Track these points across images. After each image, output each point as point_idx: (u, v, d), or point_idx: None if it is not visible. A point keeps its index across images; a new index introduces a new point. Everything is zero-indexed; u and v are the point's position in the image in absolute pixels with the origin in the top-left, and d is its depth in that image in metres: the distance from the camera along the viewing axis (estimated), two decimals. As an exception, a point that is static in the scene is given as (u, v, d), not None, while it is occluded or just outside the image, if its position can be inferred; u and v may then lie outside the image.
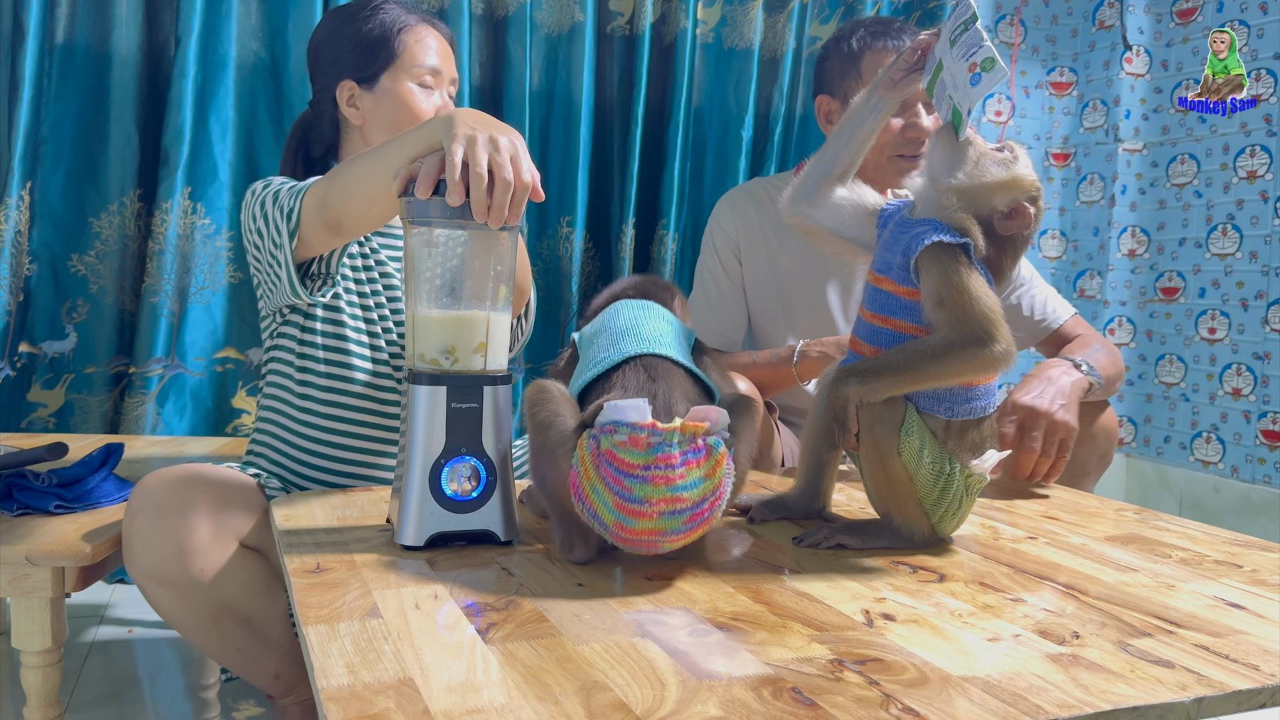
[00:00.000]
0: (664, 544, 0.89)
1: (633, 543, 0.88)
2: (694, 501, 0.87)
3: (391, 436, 1.34)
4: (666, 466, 0.86)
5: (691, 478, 0.87)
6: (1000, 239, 1.01)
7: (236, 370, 2.17)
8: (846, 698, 0.64)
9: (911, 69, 1.08)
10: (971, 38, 0.96)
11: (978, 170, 1.01)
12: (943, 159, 1.02)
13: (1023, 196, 1.01)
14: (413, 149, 1.02)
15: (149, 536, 1.11)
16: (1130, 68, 2.94)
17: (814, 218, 1.13)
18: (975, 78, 0.96)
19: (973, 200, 1.00)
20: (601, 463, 0.87)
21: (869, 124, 1.11)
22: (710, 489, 0.88)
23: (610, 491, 0.87)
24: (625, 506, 0.86)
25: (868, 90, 1.11)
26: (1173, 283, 2.93)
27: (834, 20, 2.59)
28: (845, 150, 1.11)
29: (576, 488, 0.89)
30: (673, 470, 0.86)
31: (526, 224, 2.35)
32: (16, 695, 1.38)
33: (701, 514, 0.88)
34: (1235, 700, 0.68)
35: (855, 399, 0.99)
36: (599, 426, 0.88)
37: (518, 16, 2.31)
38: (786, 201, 1.13)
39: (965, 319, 0.96)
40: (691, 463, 0.87)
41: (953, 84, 1.00)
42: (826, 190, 1.12)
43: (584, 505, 0.89)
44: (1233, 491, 2.72)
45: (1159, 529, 1.16)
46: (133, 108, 2.10)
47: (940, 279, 0.97)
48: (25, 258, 2.04)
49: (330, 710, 0.61)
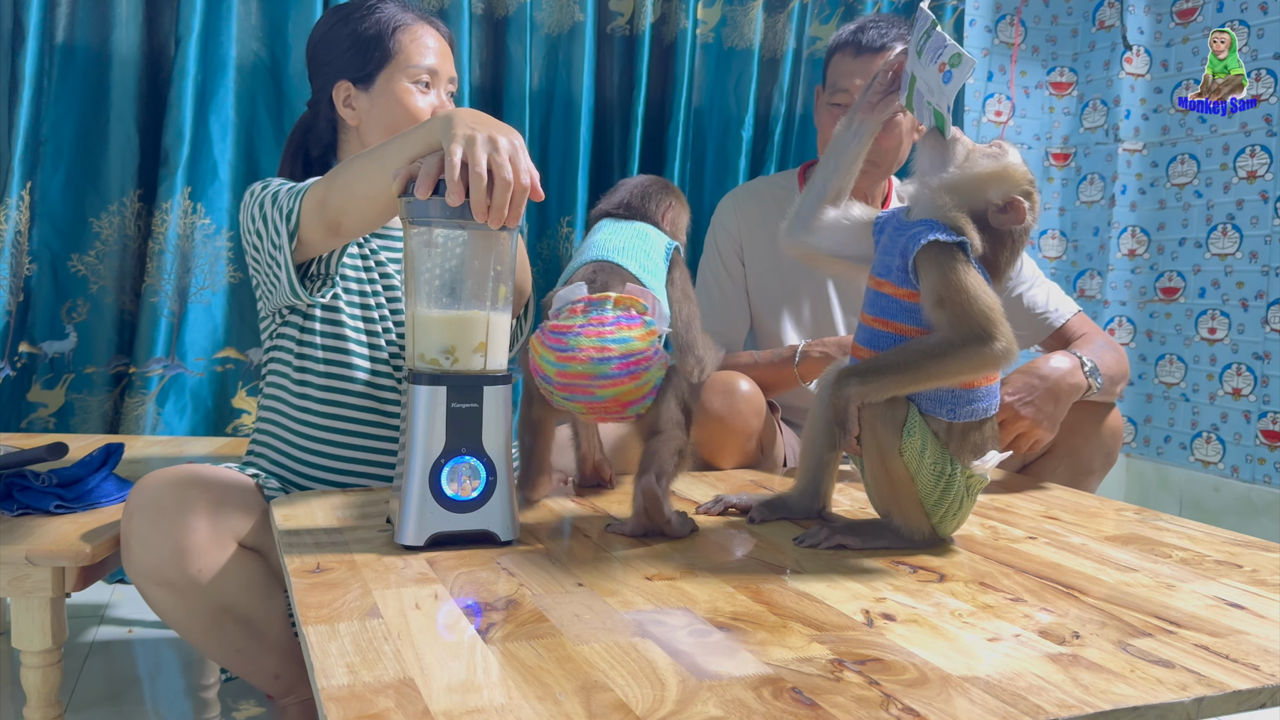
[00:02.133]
0: (596, 389, 1.03)
1: (571, 389, 1.04)
2: (621, 354, 1.02)
3: (391, 436, 1.34)
4: (599, 324, 1.03)
5: (621, 335, 1.03)
6: (997, 235, 1.01)
7: (236, 370, 2.17)
8: (846, 698, 0.64)
9: (888, 91, 1.11)
10: (935, 42, 1.00)
11: (968, 164, 1.02)
12: (932, 160, 1.03)
13: (1015, 189, 1.01)
14: (412, 149, 1.02)
15: (147, 537, 1.10)
16: (1130, 68, 2.94)
17: (812, 245, 1.14)
18: (947, 75, 0.99)
19: (966, 195, 1.01)
20: (546, 335, 1.04)
21: (853, 149, 1.13)
22: (638, 349, 1.03)
23: (552, 350, 1.04)
24: (563, 356, 1.03)
25: (847, 117, 1.14)
26: (1173, 283, 2.93)
27: (834, 20, 2.59)
28: (834, 176, 1.13)
29: (533, 364, 1.06)
30: (604, 327, 1.03)
31: (526, 224, 2.35)
32: (16, 695, 1.38)
33: (628, 366, 1.02)
34: (1235, 700, 0.68)
35: (856, 400, 0.99)
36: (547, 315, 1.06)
37: (518, 16, 2.31)
38: (784, 236, 1.16)
39: (965, 317, 0.96)
40: (624, 325, 1.04)
41: (928, 89, 1.03)
42: (819, 216, 1.13)
43: (537, 373, 1.05)
44: (1233, 491, 2.72)
45: (1159, 529, 1.16)
46: (133, 108, 2.10)
47: (938, 278, 0.97)
48: (25, 258, 2.04)
49: (330, 710, 0.61)
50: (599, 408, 1.05)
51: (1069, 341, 1.65)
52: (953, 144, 1.03)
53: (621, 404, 1.04)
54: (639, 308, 1.05)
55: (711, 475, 1.42)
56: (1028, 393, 1.36)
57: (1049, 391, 1.37)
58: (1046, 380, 1.38)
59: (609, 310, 1.04)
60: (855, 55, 1.59)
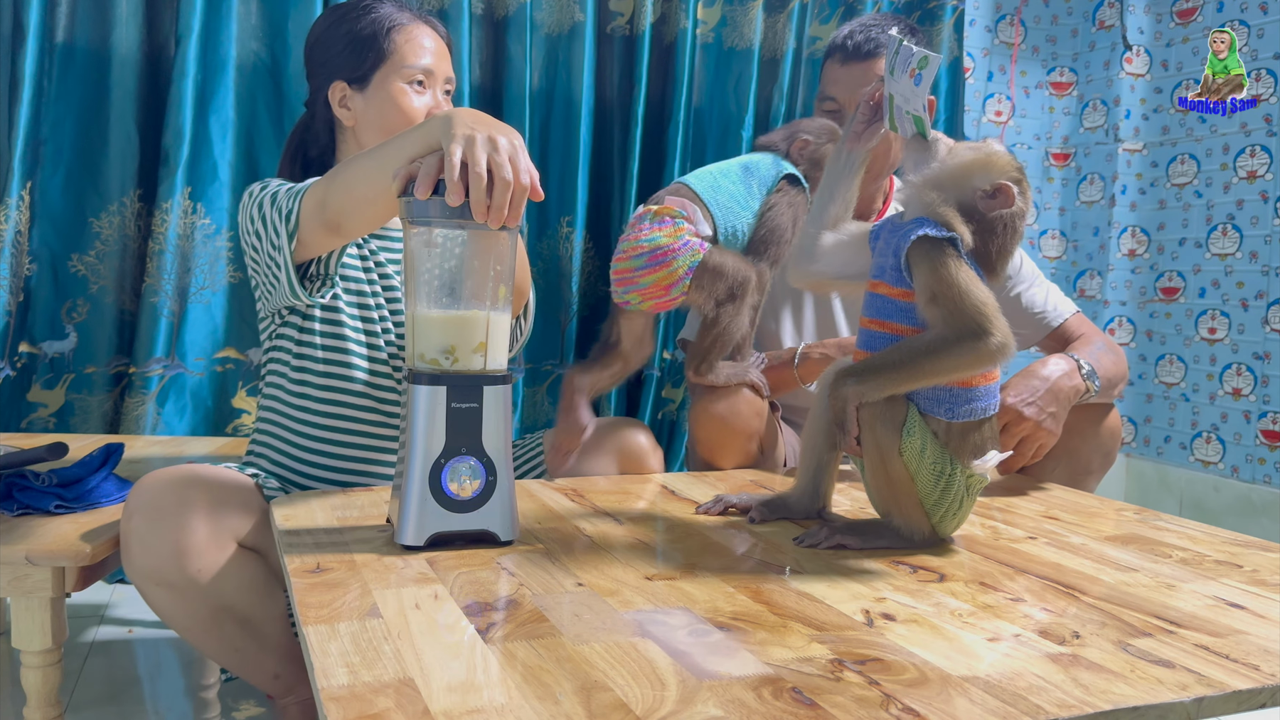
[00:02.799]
0: (639, 278, 1.38)
1: (624, 282, 1.39)
2: (649, 249, 1.37)
3: (391, 436, 1.34)
4: (636, 230, 1.40)
5: (651, 235, 1.37)
6: (987, 226, 1.01)
7: (236, 370, 2.17)
8: (846, 698, 0.64)
9: (871, 120, 1.11)
10: (904, 55, 1.01)
11: (952, 156, 1.03)
12: (917, 164, 1.04)
13: (1002, 175, 1.01)
14: (411, 149, 1.02)
15: (146, 537, 1.10)
16: (1130, 68, 2.94)
17: (818, 272, 1.15)
18: (917, 79, 1.00)
19: (952, 186, 1.01)
20: None
21: (847, 179, 1.14)
22: (663, 244, 1.36)
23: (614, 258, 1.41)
24: (615, 258, 1.40)
25: (837, 148, 1.15)
26: (1173, 283, 2.93)
27: (834, 20, 2.59)
28: (832, 205, 1.14)
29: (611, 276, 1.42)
30: (640, 231, 1.39)
31: (526, 224, 2.35)
32: (16, 695, 1.38)
33: (657, 258, 1.36)
34: (1235, 700, 0.68)
35: (854, 400, 0.99)
36: None
37: (518, 16, 2.31)
38: (791, 271, 1.17)
39: (958, 313, 0.96)
40: (655, 229, 1.38)
41: (903, 99, 1.04)
42: (819, 243, 1.14)
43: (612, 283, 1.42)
44: (1233, 491, 2.72)
45: (1159, 529, 1.16)
46: (133, 108, 2.09)
47: (930, 274, 0.97)
48: (25, 258, 2.04)
49: (330, 710, 0.61)
50: (648, 294, 1.38)
51: (1067, 342, 1.64)
52: (934, 144, 1.04)
53: (662, 288, 1.37)
54: (671, 214, 1.39)
55: (712, 475, 1.42)
56: (1029, 394, 1.35)
57: (1050, 393, 1.36)
58: (1047, 381, 1.37)
59: (646, 220, 1.39)
60: (842, 63, 1.61)
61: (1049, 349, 1.68)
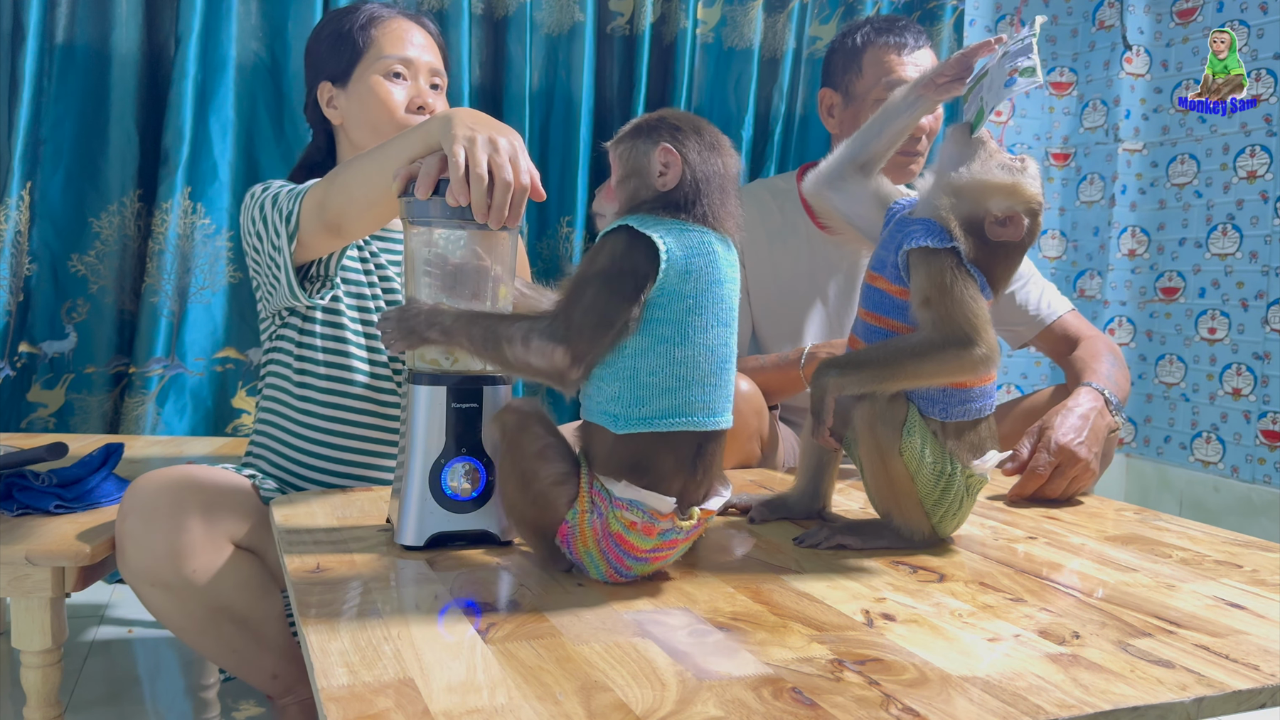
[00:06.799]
0: None
1: None
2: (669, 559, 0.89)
3: (391, 437, 1.34)
4: (670, 549, 0.87)
5: (680, 550, 0.89)
6: (991, 245, 0.99)
7: (236, 370, 2.17)
8: (846, 698, 0.64)
9: (958, 75, 1.07)
10: (1024, 48, 0.98)
11: (982, 169, 1.00)
12: (952, 155, 1.02)
13: (1020, 206, 0.99)
14: (411, 150, 1.02)
15: (141, 538, 1.10)
16: (1130, 68, 2.94)
17: (832, 201, 1.13)
18: (1011, 80, 0.98)
19: (969, 200, 0.99)
20: (607, 540, 0.86)
21: (903, 119, 1.10)
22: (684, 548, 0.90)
23: (607, 563, 0.87)
24: (617, 577, 0.87)
25: (909, 86, 1.11)
26: (1173, 283, 2.93)
27: (834, 20, 2.59)
28: (875, 141, 1.11)
29: (568, 540, 0.88)
30: (674, 550, 0.88)
31: (526, 224, 2.35)
32: (16, 695, 1.38)
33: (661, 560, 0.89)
34: (1235, 700, 0.68)
35: (833, 391, 0.99)
36: (614, 499, 0.85)
37: (518, 16, 2.31)
38: (810, 181, 1.14)
39: (949, 320, 0.96)
40: (687, 540, 0.88)
41: (989, 84, 1.01)
42: (848, 176, 1.12)
43: (572, 555, 0.89)
44: (1233, 491, 2.72)
45: (1159, 529, 1.16)
46: (133, 108, 2.09)
47: (927, 279, 0.97)
48: (25, 258, 2.04)
49: (330, 710, 0.61)
50: None
51: (1062, 339, 1.64)
52: (976, 144, 1.01)
53: None
54: None
55: (711, 475, 1.42)
56: (1077, 435, 1.31)
57: (1094, 432, 1.33)
58: (1087, 420, 1.34)
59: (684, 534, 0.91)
60: (900, 54, 1.62)
61: (1046, 346, 1.68)
